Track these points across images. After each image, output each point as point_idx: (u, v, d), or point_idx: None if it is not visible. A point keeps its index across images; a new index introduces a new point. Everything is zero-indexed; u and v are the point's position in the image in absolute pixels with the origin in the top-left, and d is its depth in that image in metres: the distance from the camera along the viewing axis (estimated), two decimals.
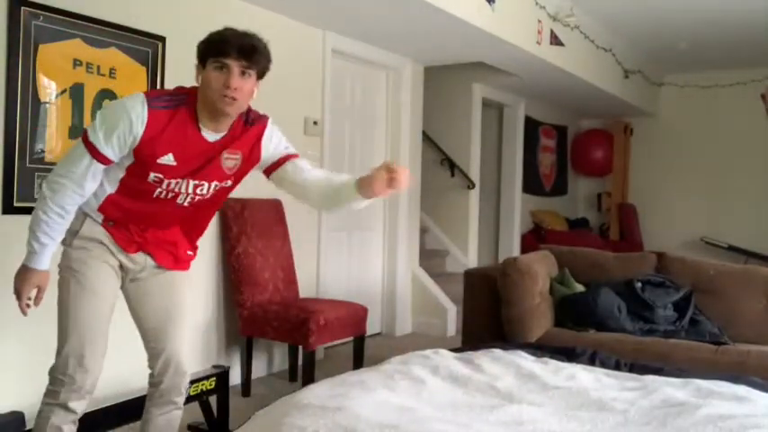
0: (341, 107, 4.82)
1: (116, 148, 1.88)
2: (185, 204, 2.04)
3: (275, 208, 4.04)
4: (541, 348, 2.76)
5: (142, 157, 1.90)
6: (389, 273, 5.33)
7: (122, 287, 2.13)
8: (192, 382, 2.80)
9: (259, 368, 4.00)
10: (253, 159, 2.09)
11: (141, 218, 2.05)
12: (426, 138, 6.01)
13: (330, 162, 4.58)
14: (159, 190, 1.98)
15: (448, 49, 4.93)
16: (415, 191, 5.50)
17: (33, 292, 1.97)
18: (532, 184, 7.56)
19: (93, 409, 2.40)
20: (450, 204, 6.50)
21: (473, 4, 4.12)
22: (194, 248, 2.25)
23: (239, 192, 3.92)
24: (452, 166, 6.41)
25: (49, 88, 2.94)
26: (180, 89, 2.01)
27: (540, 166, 7.79)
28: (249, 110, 2.07)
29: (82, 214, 2.00)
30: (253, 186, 3.91)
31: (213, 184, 2.04)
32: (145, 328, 2.14)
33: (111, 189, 1.99)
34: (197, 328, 3.69)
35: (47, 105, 2.94)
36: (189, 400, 2.77)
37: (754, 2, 5.17)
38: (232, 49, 1.85)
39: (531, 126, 7.42)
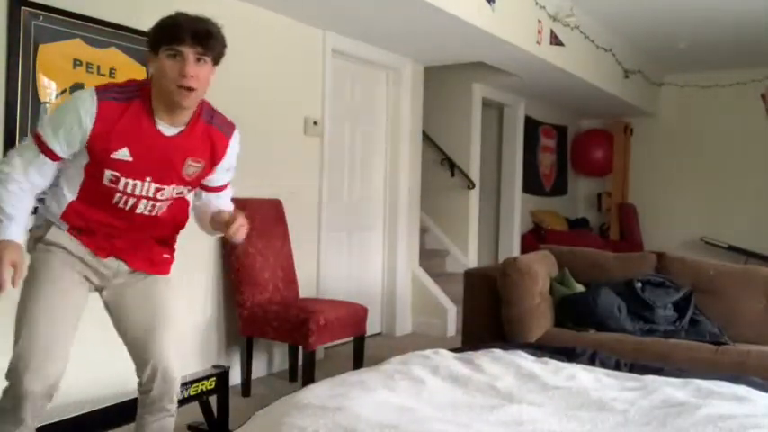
0: (341, 107, 4.82)
1: (63, 143, 1.81)
2: (146, 213, 1.96)
3: (275, 208, 4.04)
4: (541, 348, 2.76)
5: (95, 152, 1.83)
6: (389, 273, 5.33)
7: (102, 299, 2.06)
8: (192, 382, 2.80)
9: (259, 368, 4.00)
10: (212, 167, 2.04)
11: (105, 227, 1.96)
12: (426, 138, 6.01)
13: (330, 162, 4.58)
14: (119, 195, 1.90)
15: (448, 49, 4.93)
16: (415, 191, 5.50)
17: (9, 272, 1.78)
18: (532, 184, 7.56)
19: (92, 410, 2.41)
20: (450, 204, 6.50)
21: (473, 4, 4.12)
22: (171, 251, 2.16)
23: (239, 192, 3.92)
24: (452, 166, 6.41)
25: (48, 88, 2.94)
26: (132, 81, 1.94)
27: (540, 166, 7.79)
28: (214, 109, 2.01)
29: (46, 222, 1.95)
30: (253, 186, 3.94)
31: (172, 188, 1.96)
32: (128, 338, 2.06)
33: (71, 196, 1.92)
34: (197, 328, 3.69)
35: (47, 105, 2.93)
36: (189, 400, 2.77)
37: (755, 1, 5.17)
38: (186, 35, 1.76)
39: (531, 126, 7.42)
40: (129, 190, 1.89)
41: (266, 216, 3.96)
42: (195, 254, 3.68)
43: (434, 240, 6.51)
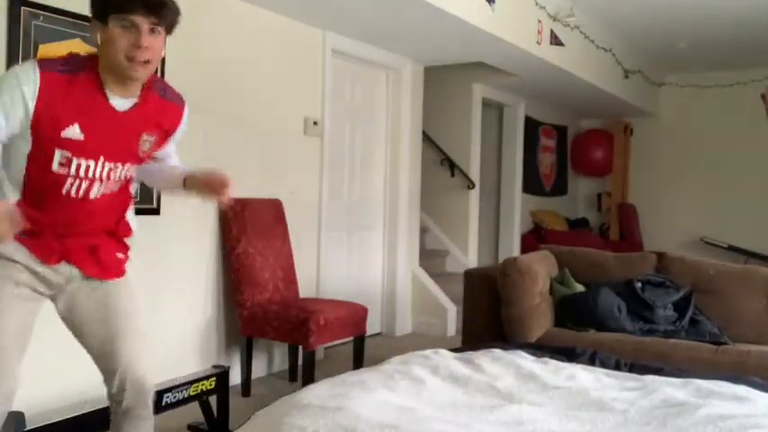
0: (341, 107, 4.82)
1: (2, 121, 1.63)
2: (99, 197, 1.80)
3: (275, 208, 4.04)
4: (541, 348, 2.76)
5: (42, 130, 1.66)
6: (389, 273, 5.33)
7: (57, 311, 1.90)
8: (192, 382, 2.80)
9: (259, 368, 4.00)
10: (166, 139, 1.93)
11: (56, 225, 1.79)
12: (426, 138, 6.01)
13: (330, 162, 4.58)
14: (70, 181, 1.73)
15: (448, 49, 4.93)
16: (415, 191, 5.50)
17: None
18: (532, 184, 7.56)
19: (91, 410, 2.41)
20: (450, 204, 6.50)
21: (473, 4, 4.12)
22: (125, 249, 1.98)
23: (239, 192, 3.92)
24: (452, 166, 6.41)
25: None
26: (74, 54, 1.77)
27: (540, 166, 7.79)
28: (165, 82, 1.93)
29: None
30: (253, 186, 3.94)
31: (127, 166, 1.83)
32: (89, 348, 1.90)
33: (14, 195, 1.74)
34: (197, 328, 3.69)
35: None
36: (189, 400, 2.77)
37: (755, 1, 5.17)
38: (138, 4, 1.64)
39: (531, 126, 7.42)
40: (81, 173, 1.74)
41: (266, 216, 3.96)
42: (195, 254, 3.68)
43: (434, 240, 6.51)
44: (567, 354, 2.68)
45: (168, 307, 3.53)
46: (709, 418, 1.87)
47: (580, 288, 3.54)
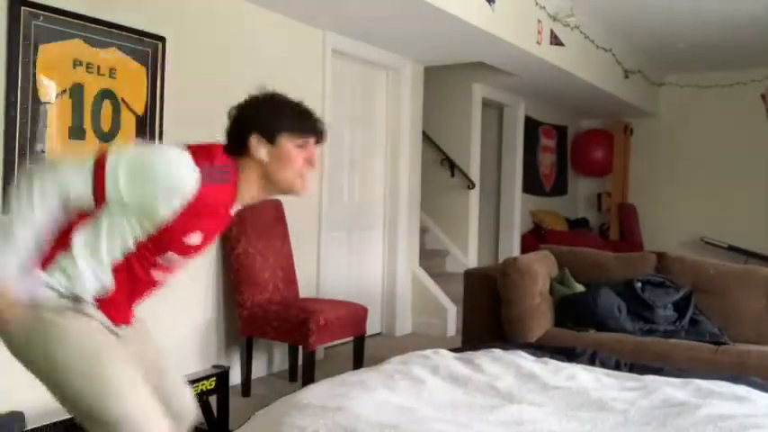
0: (341, 107, 4.82)
1: (135, 196, 1.54)
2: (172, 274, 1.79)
3: (275, 208, 4.04)
4: (541, 348, 2.76)
5: (169, 232, 1.60)
6: (389, 273, 5.33)
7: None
8: (191, 382, 2.80)
9: (259, 368, 4.00)
10: None
11: (133, 298, 1.77)
12: (426, 138, 6.01)
13: (330, 162, 4.58)
14: (164, 271, 1.72)
15: (448, 49, 4.93)
16: (415, 191, 5.50)
17: None
18: (532, 184, 7.56)
19: None
20: (450, 204, 6.50)
21: (473, 4, 4.12)
22: None
23: None
24: (452, 166, 6.41)
25: (48, 88, 2.94)
26: (226, 161, 1.66)
27: (540, 166, 7.79)
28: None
29: (67, 296, 1.63)
30: None
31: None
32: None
33: (107, 277, 1.65)
34: (197, 328, 3.69)
35: (47, 105, 2.93)
36: None
37: (754, 2, 5.17)
38: (314, 131, 1.71)
39: (531, 126, 7.42)
40: (179, 265, 1.75)
41: (266, 216, 3.96)
42: None
43: (434, 240, 6.51)
44: (567, 354, 2.69)
45: (168, 307, 3.52)
46: (709, 418, 1.87)
47: (580, 288, 3.54)
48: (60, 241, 1.63)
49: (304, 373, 3.49)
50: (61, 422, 2.36)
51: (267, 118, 1.69)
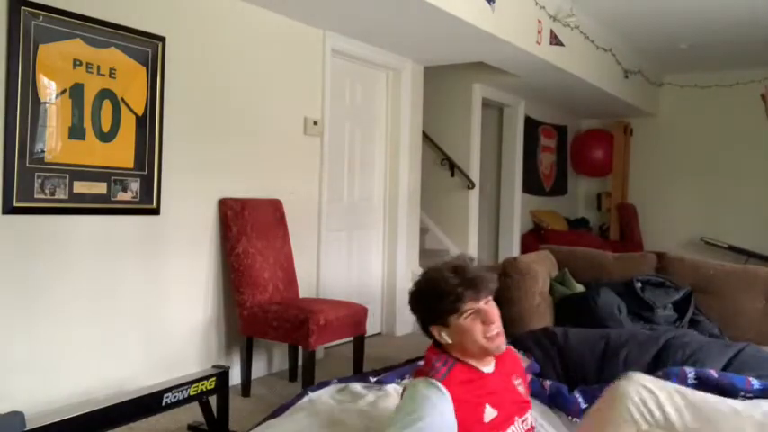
0: (341, 107, 4.82)
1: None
2: None
3: (275, 208, 4.04)
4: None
5: (467, 425, 1.70)
6: (389, 273, 5.33)
7: None
8: (192, 382, 2.80)
9: (259, 368, 4.00)
10: (524, 375, 2.01)
11: None
12: (426, 138, 6.01)
13: (330, 162, 4.58)
14: None
15: (448, 49, 4.93)
16: (415, 191, 5.50)
17: None
18: (532, 184, 7.56)
19: (91, 410, 2.41)
20: (450, 204, 6.50)
21: (473, 4, 4.12)
22: None
23: (239, 192, 3.92)
24: (452, 166, 6.41)
25: (48, 88, 2.94)
26: (436, 353, 1.82)
27: (540, 166, 7.79)
28: None
29: None
30: (253, 186, 3.94)
31: (528, 413, 1.89)
32: None
33: None
34: (197, 328, 3.69)
35: (47, 105, 2.94)
36: (189, 400, 2.77)
37: (755, 2, 5.17)
38: (468, 295, 1.73)
39: (531, 126, 7.42)
40: None
41: (266, 216, 3.96)
42: (195, 254, 3.68)
43: (434, 240, 6.51)
44: None
45: (168, 307, 3.53)
46: None
47: (580, 288, 3.54)
48: None
49: (304, 373, 3.49)
50: (61, 422, 2.36)
51: (430, 307, 1.78)
